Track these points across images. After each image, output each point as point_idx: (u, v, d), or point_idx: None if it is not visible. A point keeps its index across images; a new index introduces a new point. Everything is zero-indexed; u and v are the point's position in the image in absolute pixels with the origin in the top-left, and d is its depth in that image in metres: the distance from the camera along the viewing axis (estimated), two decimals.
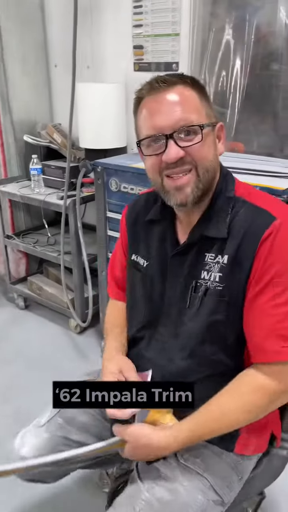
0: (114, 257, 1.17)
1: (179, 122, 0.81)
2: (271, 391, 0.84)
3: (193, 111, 0.82)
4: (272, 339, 0.82)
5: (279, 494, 1.49)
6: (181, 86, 0.82)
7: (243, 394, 0.84)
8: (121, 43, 2.22)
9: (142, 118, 0.85)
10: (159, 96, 0.82)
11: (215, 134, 0.88)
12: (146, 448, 0.85)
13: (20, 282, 2.72)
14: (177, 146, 0.81)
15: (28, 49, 2.45)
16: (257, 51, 1.89)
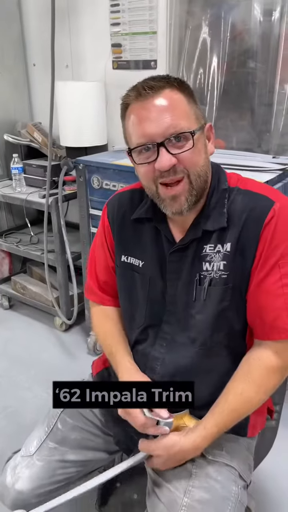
0: (94, 259, 1.10)
1: (169, 129, 0.80)
2: (280, 369, 0.88)
3: (182, 117, 0.81)
4: (284, 318, 0.85)
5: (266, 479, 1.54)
6: (169, 90, 0.81)
7: (257, 379, 0.87)
8: (100, 42, 2.23)
9: (131, 125, 0.84)
10: (147, 102, 0.80)
11: (205, 135, 0.88)
12: (179, 455, 0.87)
13: (4, 282, 2.71)
14: (169, 153, 0.81)
15: (6, 47, 2.44)
16: (233, 48, 1.92)
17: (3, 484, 1.02)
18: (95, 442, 1.07)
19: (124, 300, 1.05)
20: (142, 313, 0.99)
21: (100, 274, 1.08)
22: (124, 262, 1.01)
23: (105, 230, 1.05)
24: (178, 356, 0.94)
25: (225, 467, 0.93)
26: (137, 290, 0.99)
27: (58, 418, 1.08)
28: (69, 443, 1.05)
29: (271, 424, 1.12)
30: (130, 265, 1.00)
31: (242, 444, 0.99)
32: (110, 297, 1.10)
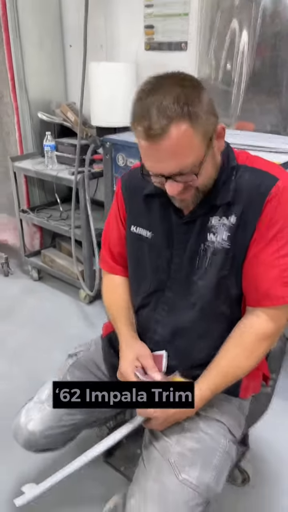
0: (108, 231, 1.17)
1: (175, 170, 0.83)
2: (270, 334, 0.95)
3: (188, 155, 0.82)
4: (278, 286, 0.91)
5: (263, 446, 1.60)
6: (173, 128, 0.78)
7: (248, 345, 0.94)
8: (133, 23, 2.28)
9: (141, 152, 0.87)
10: (154, 145, 0.80)
11: (215, 139, 0.87)
12: (176, 416, 0.95)
13: (34, 255, 2.86)
14: (176, 182, 0.86)
15: (44, 29, 2.53)
16: (264, 31, 1.93)
17: (17, 424, 1.15)
18: None
19: (132, 268, 1.13)
20: (148, 280, 1.06)
21: (113, 244, 1.16)
22: (133, 232, 1.08)
23: (118, 202, 1.13)
24: (178, 319, 1.02)
25: (216, 422, 1.01)
26: (144, 259, 1.07)
27: (67, 371, 1.19)
28: None
29: (267, 390, 1.19)
30: (139, 235, 1.07)
31: (233, 403, 1.06)
32: (121, 267, 1.17)
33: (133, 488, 0.95)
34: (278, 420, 1.67)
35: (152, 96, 0.79)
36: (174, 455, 0.94)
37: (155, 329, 1.04)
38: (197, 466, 0.93)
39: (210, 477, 0.93)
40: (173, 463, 0.93)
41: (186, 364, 1.01)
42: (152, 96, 0.79)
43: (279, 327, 0.95)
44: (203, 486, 0.91)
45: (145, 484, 0.92)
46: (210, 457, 0.96)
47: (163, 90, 0.80)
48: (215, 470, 0.95)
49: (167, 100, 0.78)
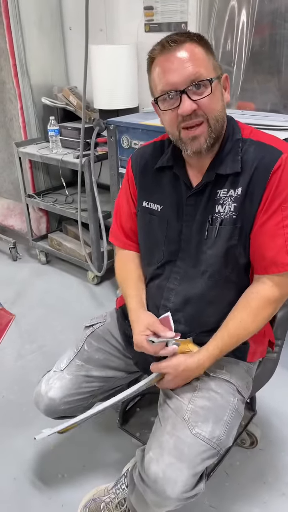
0: (119, 208, 1.23)
1: (190, 77, 0.90)
2: (275, 299, 1.01)
3: (201, 66, 0.91)
4: (283, 254, 0.97)
5: (269, 412, 1.69)
6: (189, 44, 0.91)
7: (254, 309, 1.01)
8: (132, 5, 2.30)
9: (156, 76, 0.94)
10: (171, 55, 0.91)
11: (222, 85, 0.98)
12: (186, 372, 1.02)
13: (41, 239, 2.92)
14: (190, 100, 0.91)
15: (43, 13, 2.54)
16: (262, 9, 1.95)
17: (38, 392, 1.22)
18: (116, 362, 1.25)
19: (143, 241, 1.18)
20: (161, 251, 1.12)
21: (124, 220, 1.22)
22: (144, 207, 1.14)
23: (129, 180, 1.18)
24: (190, 287, 1.08)
25: (225, 383, 1.08)
26: (155, 231, 1.13)
27: (85, 341, 1.26)
28: (93, 361, 1.23)
29: (272, 356, 1.26)
30: (149, 209, 1.13)
31: (241, 367, 1.14)
32: (133, 243, 1.23)
33: (150, 443, 1.02)
34: (283, 388, 1.76)
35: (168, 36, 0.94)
36: (188, 412, 1.02)
37: (168, 297, 1.11)
38: (209, 422, 1.00)
39: (221, 431, 1.01)
40: (187, 420, 1.00)
41: (196, 329, 1.08)
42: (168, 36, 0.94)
43: (283, 292, 1.02)
44: (215, 440, 0.99)
45: (161, 439, 1.00)
46: (221, 414, 1.03)
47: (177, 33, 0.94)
48: (226, 426, 1.02)
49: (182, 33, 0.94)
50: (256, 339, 1.12)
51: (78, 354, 1.24)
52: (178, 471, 0.94)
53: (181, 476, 0.94)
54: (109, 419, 1.60)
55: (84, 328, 1.31)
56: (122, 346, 1.25)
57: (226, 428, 1.02)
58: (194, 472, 0.95)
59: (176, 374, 1.02)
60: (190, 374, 1.04)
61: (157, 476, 0.95)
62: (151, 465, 0.97)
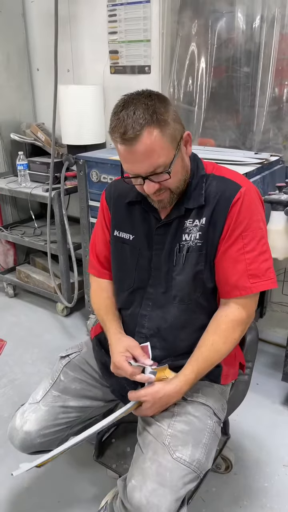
0: (95, 238, 1.28)
1: (149, 169, 0.97)
2: (243, 321, 1.08)
3: (160, 155, 0.96)
4: (245, 278, 1.05)
5: (242, 436, 1.72)
6: (145, 133, 0.93)
7: (223, 331, 1.07)
8: (98, 48, 2.43)
9: (120, 157, 1.00)
10: (130, 148, 0.95)
11: (183, 145, 1.03)
12: (165, 399, 1.04)
13: (9, 272, 2.89)
14: (152, 182, 1.00)
15: (12, 54, 2.64)
16: (219, 55, 2.12)
17: (13, 427, 1.20)
18: (93, 392, 1.26)
19: (116, 268, 1.24)
20: (132, 278, 1.17)
21: (99, 250, 1.27)
22: (116, 236, 1.20)
23: (103, 210, 1.25)
24: (162, 313, 1.13)
25: (202, 406, 1.12)
26: (127, 259, 1.18)
27: (61, 371, 1.27)
28: (70, 392, 1.23)
29: (244, 378, 1.31)
30: (121, 238, 1.19)
31: (216, 389, 1.18)
32: (108, 271, 1.28)
33: (132, 471, 1.03)
34: (254, 411, 1.81)
35: (126, 109, 0.94)
36: (168, 437, 1.04)
37: (142, 323, 1.15)
38: (188, 445, 1.03)
39: (201, 454, 1.03)
40: (167, 444, 1.02)
41: (171, 354, 1.12)
42: (126, 110, 0.94)
43: (249, 314, 1.09)
44: (195, 463, 1.01)
45: (143, 465, 1.01)
46: (199, 437, 1.06)
47: (134, 104, 0.95)
48: (204, 448, 1.05)
49: (139, 111, 0.93)
50: (228, 362, 1.17)
51: (54, 384, 1.24)
52: (161, 497, 0.95)
53: (165, 502, 0.95)
54: (84, 451, 1.58)
55: (59, 358, 1.32)
56: (99, 374, 1.26)
57: (205, 451, 1.05)
58: (176, 497, 0.97)
59: (155, 401, 1.05)
60: (168, 400, 1.07)
61: (141, 504, 0.95)
62: (134, 493, 0.97)
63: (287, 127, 2.06)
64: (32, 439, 1.18)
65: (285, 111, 2.03)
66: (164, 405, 1.08)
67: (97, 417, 1.33)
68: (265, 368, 2.10)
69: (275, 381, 1.98)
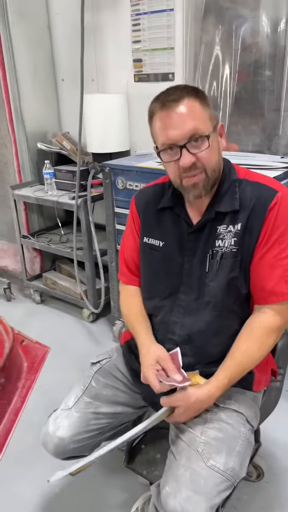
0: (125, 245, 1.29)
1: (189, 133, 0.97)
2: (277, 328, 1.07)
3: (199, 121, 0.97)
4: (282, 284, 1.04)
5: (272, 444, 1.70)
6: (187, 99, 0.97)
7: (258, 338, 1.06)
8: (122, 57, 2.46)
9: (157, 129, 1.02)
10: (170, 111, 0.97)
11: (218, 133, 1.05)
12: (197, 404, 1.03)
13: (35, 279, 2.94)
14: (189, 153, 0.99)
15: (38, 66, 2.70)
16: (244, 60, 2.12)
17: (46, 433, 1.21)
18: (124, 398, 1.26)
19: (146, 275, 1.24)
20: (163, 285, 1.17)
21: (129, 256, 1.28)
22: (145, 243, 1.21)
23: (133, 216, 1.26)
24: (194, 319, 1.12)
25: (235, 413, 1.11)
26: (157, 265, 1.19)
27: (92, 377, 1.28)
28: (101, 398, 1.24)
29: (276, 384, 1.30)
30: (150, 245, 1.20)
31: (248, 396, 1.17)
32: (137, 278, 1.28)
33: (166, 478, 1.03)
34: (286, 418, 1.78)
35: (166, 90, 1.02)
36: (201, 445, 1.04)
37: (173, 330, 1.15)
38: (222, 453, 1.02)
39: (235, 462, 1.02)
40: (200, 452, 1.02)
41: (203, 361, 1.12)
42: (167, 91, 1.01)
43: (285, 321, 1.08)
44: (229, 471, 1.01)
45: (177, 472, 1.01)
46: (233, 444, 1.05)
47: (175, 87, 1.02)
48: (238, 456, 1.04)
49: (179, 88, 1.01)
50: (260, 368, 1.16)
51: (86, 391, 1.26)
52: (196, 504, 0.95)
53: (200, 510, 0.94)
54: (114, 458, 1.58)
55: (90, 364, 1.33)
56: (130, 381, 1.27)
57: (239, 459, 1.04)
58: (211, 505, 0.96)
59: (187, 406, 1.04)
60: (201, 406, 1.06)
61: (175, 511, 0.95)
62: (168, 500, 0.97)
63: None
64: (66, 445, 1.19)
65: None
66: (197, 411, 1.07)
67: (128, 423, 1.34)
68: None
69: None
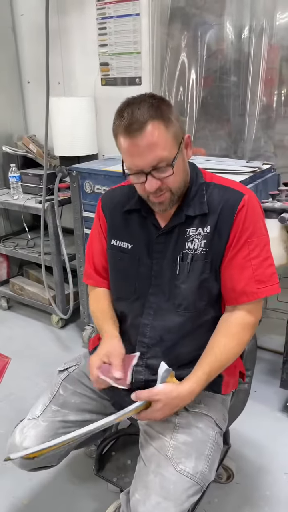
0: (91, 248, 1.28)
1: (153, 162, 0.97)
2: (251, 325, 1.09)
3: (163, 149, 0.96)
4: (252, 284, 1.06)
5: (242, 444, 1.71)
6: (151, 125, 0.94)
7: (235, 334, 1.07)
8: (89, 61, 2.45)
9: (122, 151, 1.00)
10: (134, 140, 0.95)
11: (184, 147, 1.03)
12: (177, 400, 0.99)
13: (2, 284, 2.87)
14: (154, 178, 1.00)
15: (2, 67, 2.65)
16: (209, 65, 2.14)
17: (12, 444, 1.17)
18: (92, 405, 1.24)
19: (114, 277, 1.23)
20: (132, 287, 1.17)
21: (97, 259, 1.27)
22: (113, 245, 1.20)
23: (100, 219, 1.24)
24: (165, 321, 1.12)
25: (204, 416, 1.11)
26: (126, 268, 1.18)
27: (60, 385, 1.25)
28: (69, 406, 1.22)
29: (244, 386, 1.31)
30: (118, 247, 1.19)
31: (217, 399, 1.17)
32: (105, 280, 1.27)
33: (135, 485, 1.02)
34: (253, 419, 1.80)
35: (130, 107, 0.96)
36: (170, 449, 1.03)
37: (144, 332, 1.14)
38: (192, 457, 1.02)
39: (204, 466, 1.02)
40: (170, 457, 1.01)
41: (174, 364, 1.10)
42: (130, 107, 0.96)
43: (257, 318, 1.10)
44: (198, 475, 1.00)
45: (146, 479, 1.00)
46: (202, 448, 1.05)
47: (139, 103, 0.96)
48: (207, 460, 1.04)
49: (143, 107, 0.95)
50: (229, 371, 1.17)
51: (53, 399, 1.23)
52: (165, 510, 0.94)
53: None
54: (84, 465, 1.56)
55: (58, 372, 1.30)
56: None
57: (208, 462, 1.04)
58: (181, 510, 0.96)
59: (167, 402, 0.98)
60: (180, 403, 1.01)
61: None
62: (138, 508, 0.96)
63: (277, 135, 2.08)
64: None
65: (275, 120, 2.06)
66: (174, 408, 1.02)
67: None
68: (262, 375, 2.10)
69: (273, 388, 1.98)
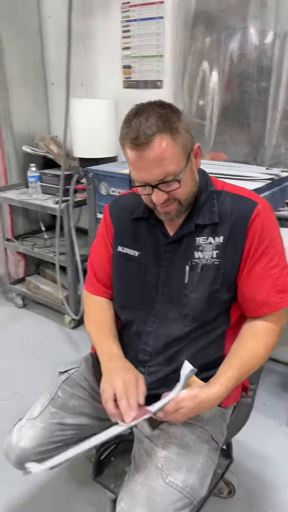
0: (94, 255, 1.25)
1: (160, 176, 0.95)
2: (277, 331, 1.07)
3: (170, 163, 0.94)
4: (273, 294, 1.04)
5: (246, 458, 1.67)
6: (158, 139, 0.91)
7: (263, 337, 1.05)
8: (112, 63, 2.46)
9: (128, 162, 0.98)
10: (140, 153, 0.93)
11: (193, 157, 1.01)
12: (204, 404, 0.95)
13: (19, 282, 2.91)
14: (161, 191, 0.98)
15: (27, 68, 2.69)
16: (231, 70, 2.11)
17: (9, 443, 1.18)
18: (90, 409, 1.23)
19: (120, 285, 1.20)
20: (138, 295, 1.14)
21: (99, 266, 1.24)
22: (119, 252, 1.18)
23: (106, 226, 1.22)
24: (170, 330, 1.09)
25: (199, 429, 1.08)
26: (133, 275, 1.15)
27: (59, 387, 1.25)
28: (67, 408, 1.21)
29: (247, 400, 1.27)
30: (125, 255, 1.17)
31: (216, 412, 1.14)
32: (105, 289, 1.25)
33: (122, 494, 1.00)
34: (260, 433, 1.75)
35: (138, 117, 0.93)
36: (161, 460, 1.01)
37: (147, 341, 1.11)
38: (182, 469, 0.99)
39: (195, 479, 0.99)
40: (160, 467, 0.99)
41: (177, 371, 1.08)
42: (138, 117, 0.93)
43: (282, 324, 1.07)
44: (188, 488, 0.97)
45: (134, 488, 0.97)
46: (194, 461, 1.02)
47: (147, 112, 0.94)
48: (198, 474, 1.01)
49: (151, 118, 0.92)
50: None
51: (52, 401, 1.22)
52: None
53: None
54: (82, 469, 1.55)
55: (58, 374, 1.30)
56: (97, 392, 1.23)
57: (199, 476, 1.00)
58: None
59: (194, 405, 0.94)
60: (207, 406, 0.98)
61: None
62: None
63: None
64: (27, 456, 1.15)
65: None
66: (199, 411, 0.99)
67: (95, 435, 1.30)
68: (272, 388, 2.04)
69: (283, 402, 1.92)
